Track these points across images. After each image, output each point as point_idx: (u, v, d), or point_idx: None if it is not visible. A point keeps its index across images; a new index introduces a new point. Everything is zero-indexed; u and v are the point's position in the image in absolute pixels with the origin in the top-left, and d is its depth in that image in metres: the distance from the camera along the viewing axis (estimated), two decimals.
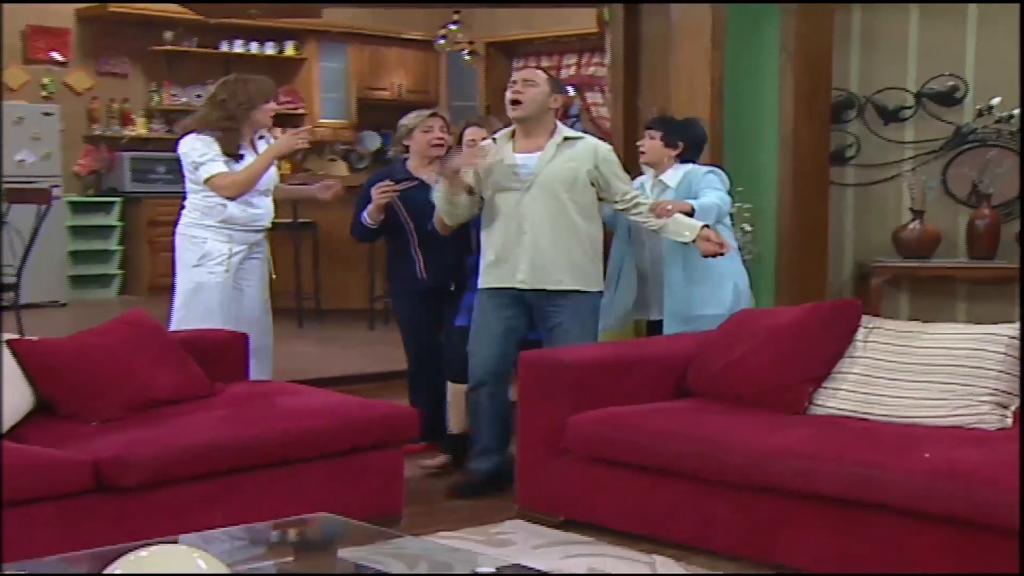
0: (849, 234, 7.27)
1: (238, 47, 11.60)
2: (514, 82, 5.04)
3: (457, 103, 12.30)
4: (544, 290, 4.98)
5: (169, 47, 11.23)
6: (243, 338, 5.10)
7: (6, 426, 4.10)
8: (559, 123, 5.12)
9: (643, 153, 5.54)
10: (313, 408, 4.55)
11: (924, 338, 4.37)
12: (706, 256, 5.04)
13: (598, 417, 4.45)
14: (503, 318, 5.03)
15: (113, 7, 10.66)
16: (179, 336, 4.91)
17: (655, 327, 5.47)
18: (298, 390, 4.81)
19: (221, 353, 4.98)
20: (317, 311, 8.84)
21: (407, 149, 5.71)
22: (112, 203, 10.66)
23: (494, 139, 5.14)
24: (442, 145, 5.57)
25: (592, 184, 5.02)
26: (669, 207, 4.99)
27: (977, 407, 4.14)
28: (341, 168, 11.79)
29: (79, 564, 3.26)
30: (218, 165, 5.35)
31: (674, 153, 5.48)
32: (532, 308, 5.04)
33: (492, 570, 2.63)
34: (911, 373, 4.29)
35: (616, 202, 5.08)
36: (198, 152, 5.36)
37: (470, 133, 5.45)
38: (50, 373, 4.29)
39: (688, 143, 5.54)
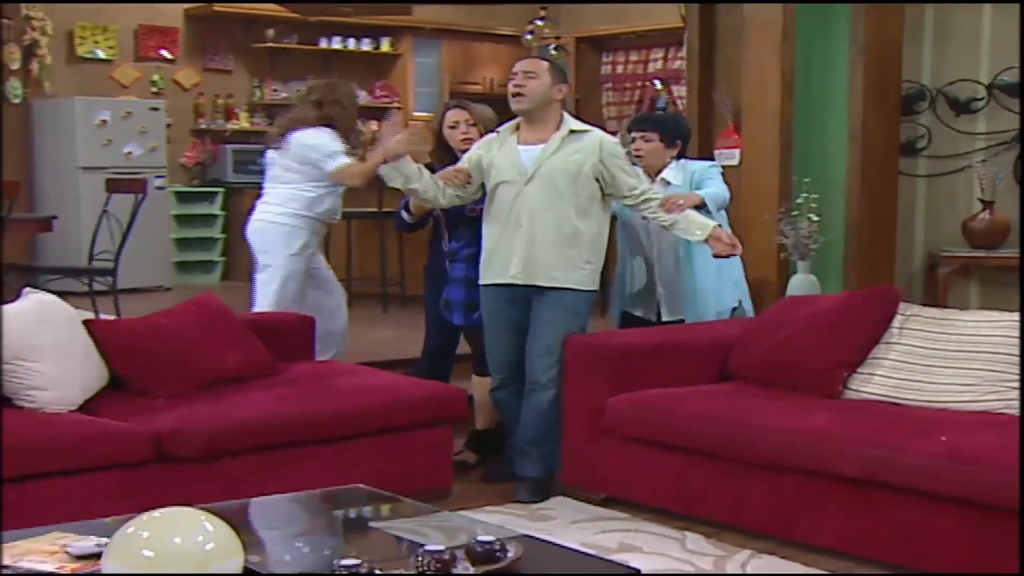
0: (920, 224, 7.20)
1: (336, 43, 11.73)
2: (515, 74, 4.83)
3: None
4: (537, 285, 4.80)
5: (271, 44, 11.41)
6: (310, 320, 5.26)
7: (81, 400, 4.30)
8: (566, 115, 4.91)
9: (640, 156, 5.36)
10: (368, 387, 4.68)
11: (958, 325, 4.38)
12: (717, 256, 4.91)
13: (636, 399, 4.51)
14: (508, 316, 4.88)
15: (218, 7, 10.87)
16: (246, 318, 5.07)
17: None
18: (357, 370, 4.94)
19: (288, 334, 5.14)
20: (402, 297, 8.99)
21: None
22: (215, 193, 10.87)
23: (498, 131, 4.96)
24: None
25: (597, 179, 4.80)
26: (680, 202, 4.85)
27: (1006, 393, 4.14)
28: None
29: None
30: (344, 157, 5.55)
31: (674, 152, 5.40)
32: (528, 301, 4.86)
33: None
34: (944, 359, 4.30)
35: (624, 197, 4.87)
36: (330, 144, 5.57)
37: (452, 115, 5.31)
38: (122, 351, 4.47)
39: (684, 140, 5.46)
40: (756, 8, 7.24)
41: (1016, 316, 4.32)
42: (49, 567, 2.63)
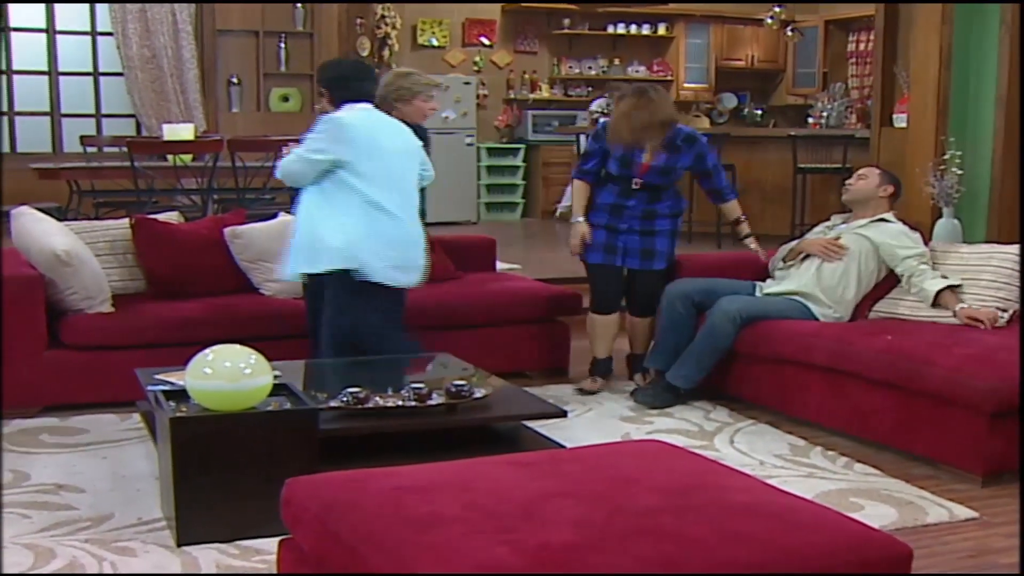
0: None
1: (620, 29, 12.12)
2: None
3: (801, 70, 12.32)
4: None
5: (567, 31, 11.96)
6: (492, 241, 5.82)
7: (301, 292, 5.03)
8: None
9: (325, 111, 4.30)
10: (509, 289, 5.17)
11: (958, 256, 4.46)
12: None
13: None
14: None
15: (526, 4, 11.56)
16: (440, 238, 5.57)
17: None
18: (511, 278, 5.41)
19: (475, 250, 5.69)
20: None
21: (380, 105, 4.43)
22: (518, 148, 11.58)
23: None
24: None
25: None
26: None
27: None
28: (704, 122, 12.08)
29: None
30: None
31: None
32: None
33: None
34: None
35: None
36: None
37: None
38: None
39: (327, 85, 4.33)
40: None
41: (997, 248, 4.36)
42: (176, 381, 3.39)
